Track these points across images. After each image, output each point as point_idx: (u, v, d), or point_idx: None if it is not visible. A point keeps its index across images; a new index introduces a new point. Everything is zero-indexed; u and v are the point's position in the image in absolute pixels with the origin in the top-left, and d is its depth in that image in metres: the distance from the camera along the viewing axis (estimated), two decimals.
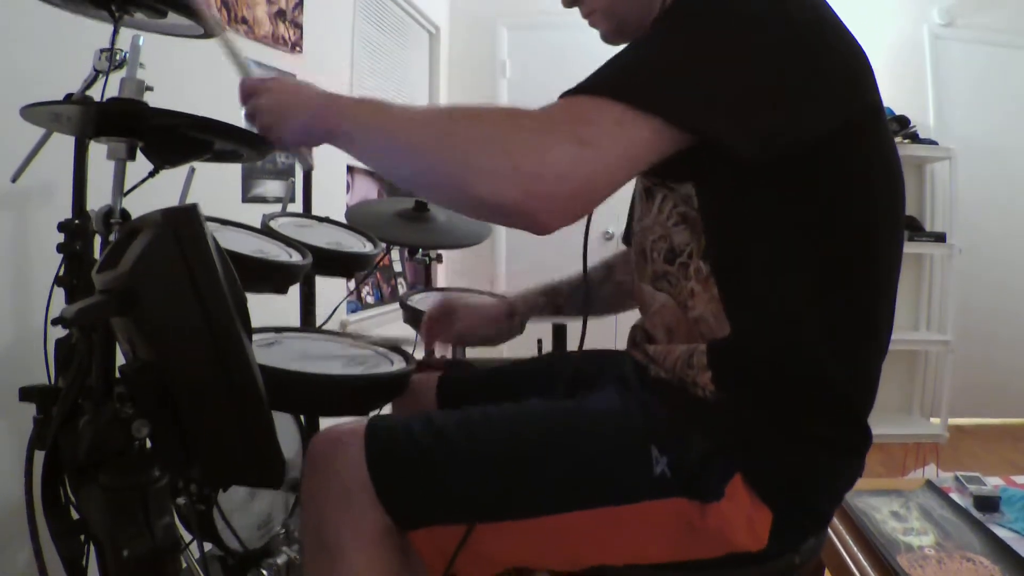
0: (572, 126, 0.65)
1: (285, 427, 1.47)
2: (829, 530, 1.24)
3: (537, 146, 0.64)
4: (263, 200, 2.22)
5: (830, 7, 0.76)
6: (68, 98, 1.06)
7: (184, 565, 1.15)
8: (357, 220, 1.72)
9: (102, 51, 1.07)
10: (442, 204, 0.74)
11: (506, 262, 4.10)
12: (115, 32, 1.07)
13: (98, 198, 1.02)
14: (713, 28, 0.70)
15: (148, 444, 0.80)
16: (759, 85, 0.68)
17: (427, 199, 0.77)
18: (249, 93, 0.85)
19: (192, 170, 1.29)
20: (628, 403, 0.86)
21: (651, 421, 0.81)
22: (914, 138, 3.63)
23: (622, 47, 0.94)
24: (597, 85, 0.69)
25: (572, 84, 0.72)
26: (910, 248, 0.90)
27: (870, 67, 0.77)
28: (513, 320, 1.26)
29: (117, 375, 0.81)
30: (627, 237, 1.20)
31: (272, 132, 0.82)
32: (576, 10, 0.93)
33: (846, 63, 0.74)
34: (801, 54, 0.70)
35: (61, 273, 1.09)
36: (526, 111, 0.68)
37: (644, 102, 0.66)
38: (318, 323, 1.70)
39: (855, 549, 1.23)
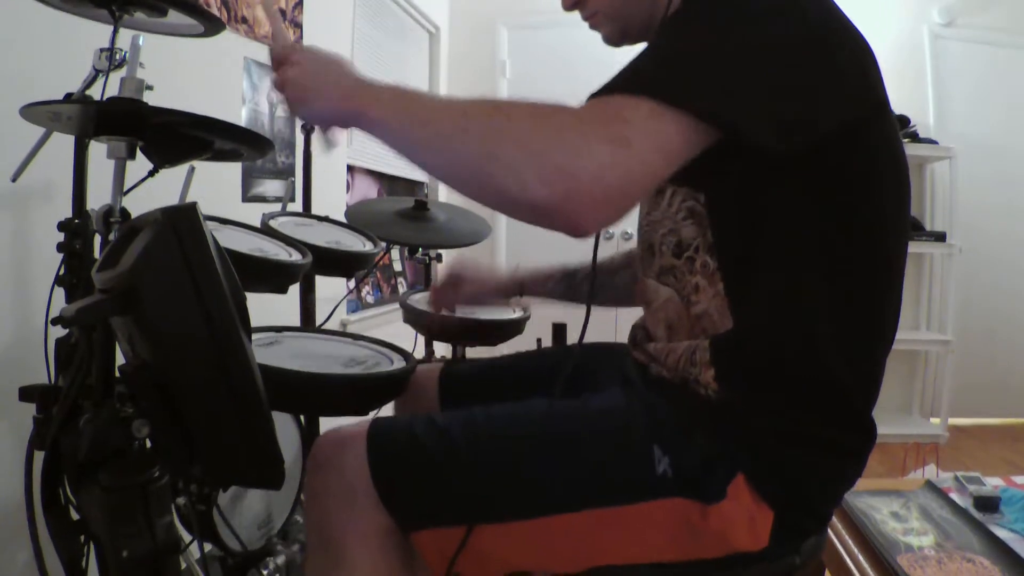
0: (606, 125, 0.65)
1: (285, 427, 1.47)
2: (829, 530, 1.24)
3: (573, 147, 0.63)
4: (263, 199, 2.22)
5: (837, 5, 0.76)
6: (68, 97, 1.07)
7: (184, 565, 1.15)
8: (357, 219, 1.72)
9: (102, 50, 1.07)
10: (473, 199, 0.73)
11: (506, 261, 4.10)
12: (115, 32, 1.07)
13: (98, 197, 1.02)
14: (734, 23, 0.70)
15: (148, 444, 0.80)
16: (781, 80, 0.68)
17: (460, 193, 0.74)
18: (280, 61, 0.82)
19: (192, 169, 1.29)
20: (631, 402, 0.86)
21: (654, 420, 0.81)
22: (914, 138, 3.63)
23: (626, 48, 0.93)
24: (627, 83, 0.68)
25: (572, 84, 0.71)
26: (910, 248, 0.90)
27: (877, 64, 0.77)
28: (521, 295, 1.26)
29: (117, 374, 0.81)
30: None
31: (300, 108, 0.80)
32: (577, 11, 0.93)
33: (857, 59, 0.74)
34: (817, 50, 0.70)
35: (61, 273, 1.09)
36: (559, 108, 0.67)
37: (676, 97, 0.65)
38: (318, 322, 1.70)
39: (855, 549, 1.23)
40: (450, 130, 0.69)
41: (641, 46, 0.94)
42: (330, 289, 1.99)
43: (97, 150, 1.04)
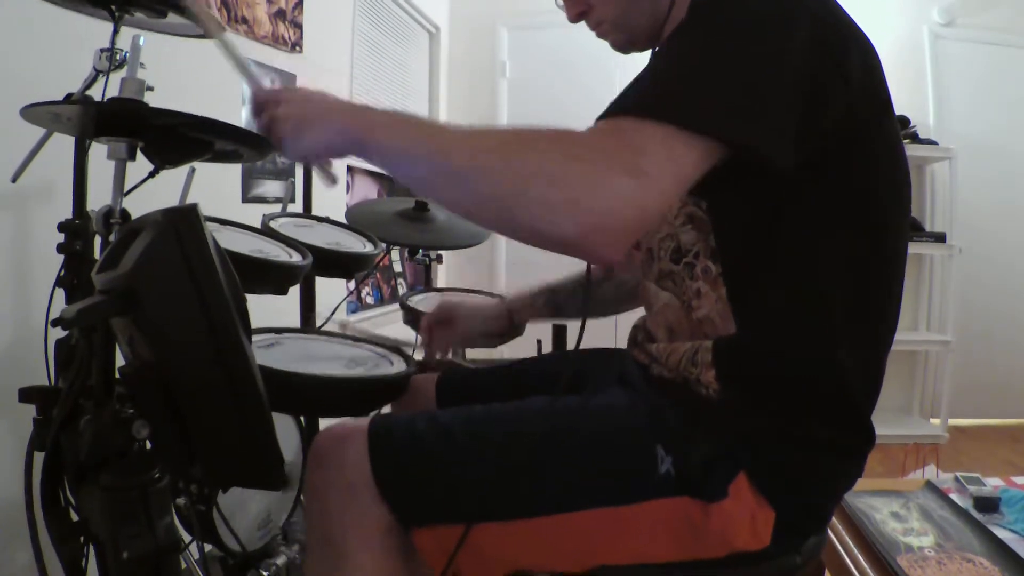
0: (624, 155, 0.64)
1: (285, 428, 1.47)
2: (829, 531, 1.24)
3: (593, 180, 0.63)
4: (263, 200, 2.22)
5: (839, 4, 0.75)
6: (68, 98, 1.06)
7: (184, 565, 1.15)
8: (357, 220, 1.72)
9: (102, 51, 1.07)
10: (489, 229, 0.72)
11: (506, 262, 4.10)
12: (115, 32, 1.07)
13: (98, 198, 1.02)
14: (741, 33, 0.69)
15: (148, 445, 0.80)
16: (792, 91, 0.68)
17: (472, 222, 0.73)
18: (263, 105, 0.79)
19: (192, 170, 1.29)
20: (633, 402, 0.86)
21: (656, 420, 0.81)
22: (914, 138, 3.63)
23: (629, 54, 0.93)
24: (640, 106, 0.67)
25: (572, 84, 0.71)
26: (910, 248, 0.91)
27: (880, 62, 0.77)
28: (512, 322, 1.26)
29: (117, 375, 0.81)
30: None
31: (293, 144, 0.77)
32: None
33: (863, 60, 0.74)
34: (826, 53, 0.70)
35: (61, 274, 1.09)
36: (574, 136, 0.67)
37: (689, 121, 0.65)
38: (318, 323, 1.70)
39: (855, 550, 1.23)
40: (466, 165, 0.67)
41: (647, 53, 0.94)
42: (330, 290, 1.99)
43: (97, 151, 1.04)
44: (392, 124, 0.72)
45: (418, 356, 1.24)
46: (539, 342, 1.76)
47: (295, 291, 1.53)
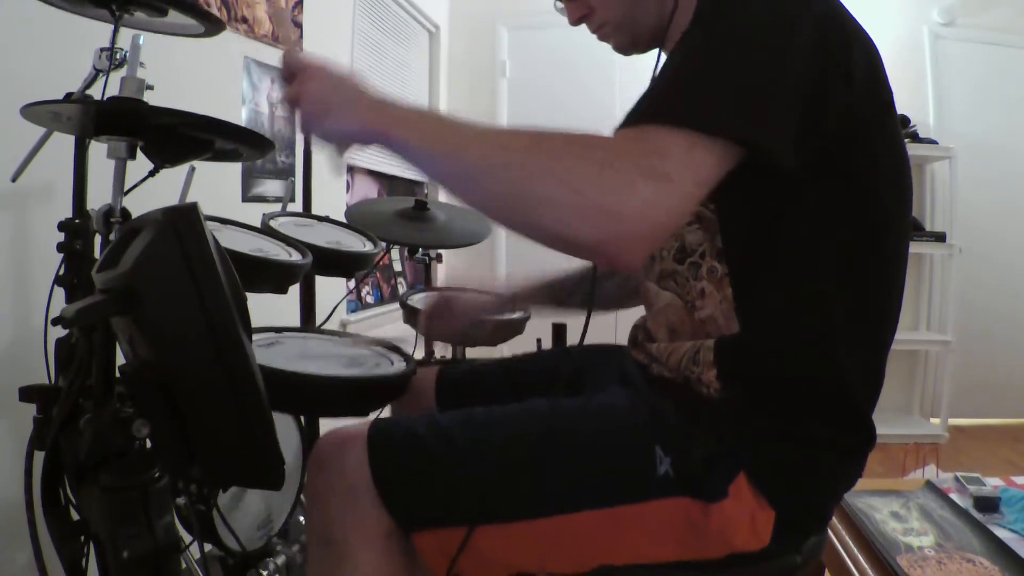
0: (646, 161, 0.64)
1: (285, 428, 1.47)
2: (829, 531, 1.24)
3: (616, 186, 0.63)
4: (263, 199, 2.22)
5: (842, 4, 0.76)
6: (68, 97, 1.06)
7: (184, 565, 1.15)
8: (357, 219, 1.72)
9: (102, 50, 1.07)
10: (509, 230, 0.72)
11: (506, 262, 4.10)
12: (115, 31, 1.07)
13: (98, 197, 1.02)
14: (750, 35, 0.69)
15: (148, 444, 0.80)
16: (800, 91, 0.68)
17: (495, 222, 0.73)
18: (294, 72, 0.76)
19: (192, 169, 1.29)
20: (632, 402, 0.86)
21: (655, 420, 0.81)
22: (914, 138, 3.63)
23: (632, 55, 0.92)
24: (659, 112, 0.67)
25: (572, 84, 0.71)
26: (910, 248, 0.91)
27: (882, 63, 0.77)
28: (513, 310, 1.26)
29: (117, 375, 0.81)
30: None
31: (315, 123, 0.75)
32: None
33: (866, 60, 0.74)
34: (828, 55, 0.70)
35: (61, 272, 1.09)
36: (596, 141, 0.67)
37: (710, 126, 0.65)
38: (318, 323, 1.70)
39: (855, 550, 1.23)
40: (489, 164, 0.67)
41: (648, 55, 0.94)
42: (330, 289, 1.99)
43: (97, 150, 1.04)
44: (417, 120, 0.72)
45: (418, 354, 1.23)
46: (539, 341, 1.76)
47: (295, 290, 1.53)
